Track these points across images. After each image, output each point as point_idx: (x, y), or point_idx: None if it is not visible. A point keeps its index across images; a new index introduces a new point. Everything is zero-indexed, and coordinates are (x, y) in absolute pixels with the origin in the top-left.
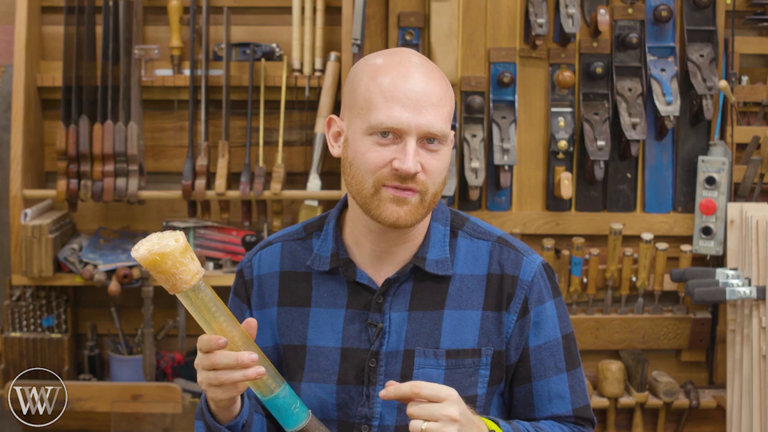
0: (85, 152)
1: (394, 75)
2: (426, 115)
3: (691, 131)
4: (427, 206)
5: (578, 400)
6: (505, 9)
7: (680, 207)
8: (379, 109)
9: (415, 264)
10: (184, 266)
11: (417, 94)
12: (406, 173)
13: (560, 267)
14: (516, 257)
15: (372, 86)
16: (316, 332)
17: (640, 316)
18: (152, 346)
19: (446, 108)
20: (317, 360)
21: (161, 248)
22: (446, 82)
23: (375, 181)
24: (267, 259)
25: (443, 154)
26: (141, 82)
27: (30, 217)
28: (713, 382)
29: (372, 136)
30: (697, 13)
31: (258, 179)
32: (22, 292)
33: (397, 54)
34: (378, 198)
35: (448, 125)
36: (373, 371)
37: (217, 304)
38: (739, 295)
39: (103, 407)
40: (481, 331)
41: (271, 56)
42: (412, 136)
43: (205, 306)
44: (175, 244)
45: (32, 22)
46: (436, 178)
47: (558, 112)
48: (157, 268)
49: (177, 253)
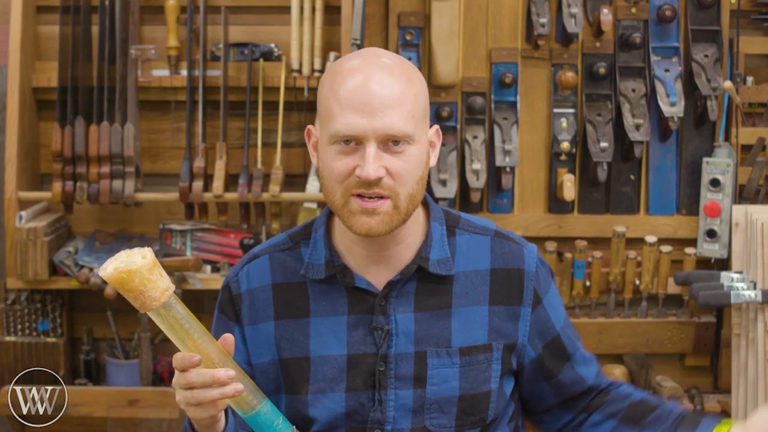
0: (80, 154)
1: (349, 80)
2: (383, 118)
3: (696, 132)
4: (404, 211)
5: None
6: (507, 8)
7: (684, 209)
8: (336, 117)
9: (419, 265)
10: (153, 283)
11: (371, 97)
12: (366, 179)
13: (563, 270)
14: (517, 250)
15: (330, 94)
16: (318, 342)
17: (643, 320)
18: (149, 350)
19: (406, 107)
20: (322, 370)
21: (128, 266)
22: (408, 78)
23: (343, 191)
24: (256, 272)
25: (410, 154)
26: (137, 82)
27: (25, 220)
28: (718, 386)
29: (334, 145)
30: (702, 12)
31: (256, 181)
32: (16, 296)
33: (358, 57)
34: (348, 209)
35: (412, 124)
36: (383, 374)
37: (190, 321)
38: (744, 298)
39: (100, 412)
40: (490, 326)
41: (270, 56)
42: (370, 141)
43: (178, 323)
44: (142, 261)
45: (27, 21)
46: (406, 179)
47: (560, 113)
48: (124, 287)
49: (144, 270)
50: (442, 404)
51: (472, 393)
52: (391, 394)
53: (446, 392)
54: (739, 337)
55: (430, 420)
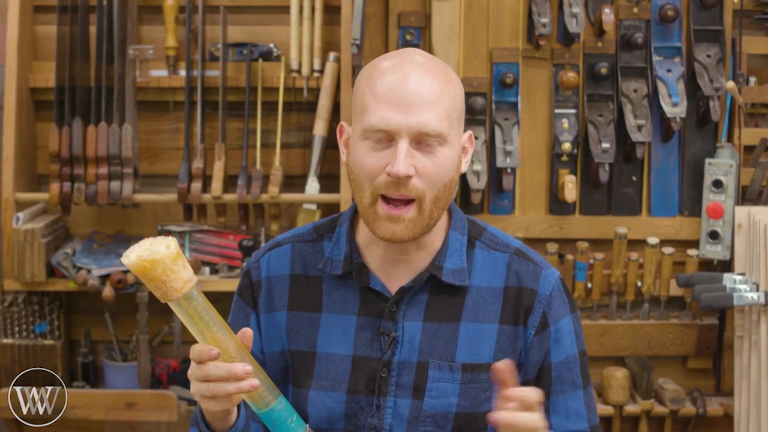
0: (78, 154)
1: (387, 75)
2: (417, 115)
3: (698, 133)
4: (428, 215)
5: (592, 417)
6: (508, 8)
7: (687, 211)
8: (371, 111)
9: (431, 272)
10: (175, 274)
11: (407, 93)
12: (396, 176)
13: (564, 272)
14: (534, 270)
15: (366, 89)
16: (326, 339)
17: (645, 322)
18: (147, 352)
19: (443, 106)
20: (327, 367)
21: (151, 255)
22: (447, 79)
23: (372, 190)
24: (276, 260)
25: (442, 156)
26: (136, 82)
27: (22, 221)
28: (720, 389)
29: (367, 141)
30: (704, 12)
31: (255, 182)
32: (14, 298)
33: (397, 55)
34: (374, 211)
35: (447, 124)
36: (385, 381)
37: (210, 313)
38: (746, 300)
39: (97, 415)
40: (498, 345)
41: (269, 56)
42: (403, 138)
43: (198, 315)
44: (166, 250)
45: (24, 21)
46: (435, 181)
47: (562, 114)
48: (147, 276)
49: (168, 260)
50: (437, 418)
51: (470, 411)
52: (390, 402)
53: (443, 407)
54: (741, 339)
55: None
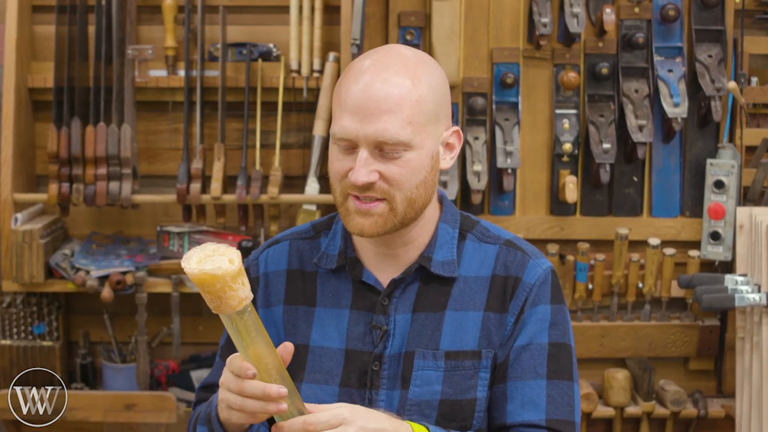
0: (77, 155)
1: (353, 83)
2: (375, 123)
3: (699, 133)
4: (401, 214)
5: (556, 412)
6: (508, 8)
7: (688, 211)
8: (336, 118)
9: (420, 264)
10: (233, 291)
11: (367, 102)
12: (354, 184)
13: (565, 273)
14: (522, 259)
15: (337, 94)
16: (320, 332)
17: (646, 324)
18: (146, 354)
19: (403, 113)
20: (320, 361)
21: (214, 269)
22: (413, 82)
23: (341, 189)
24: (274, 257)
25: (408, 159)
26: (134, 83)
27: (21, 222)
28: (722, 391)
29: (336, 145)
30: (706, 12)
31: (255, 183)
32: (12, 299)
33: (370, 57)
34: (345, 207)
35: (409, 129)
36: (376, 374)
37: (258, 329)
38: (748, 301)
39: (96, 417)
40: (482, 332)
41: (269, 56)
42: (362, 146)
43: (246, 330)
44: (228, 266)
45: (23, 21)
46: (402, 184)
47: (562, 114)
48: (204, 287)
49: (228, 277)
50: (422, 406)
51: (455, 399)
52: (382, 395)
53: (427, 395)
54: (743, 340)
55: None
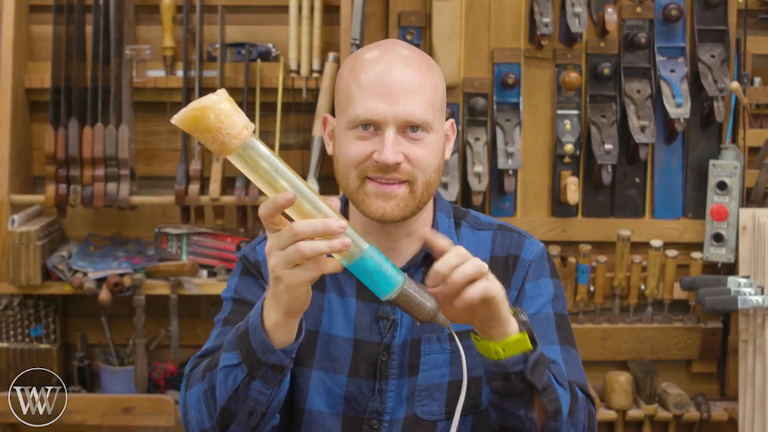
0: (74, 156)
1: (371, 66)
2: (403, 104)
3: (702, 134)
4: (419, 197)
5: (574, 374)
6: (509, 8)
7: (690, 213)
8: (357, 102)
9: (427, 252)
10: (229, 118)
11: (392, 83)
12: (384, 164)
13: (566, 275)
14: (518, 239)
15: (351, 80)
16: (329, 319)
17: (649, 326)
18: (144, 356)
19: (426, 95)
20: (329, 349)
21: (200, 103)
22: (428, 68)
23: (359, 173)
24: None
25: (429, 142)
26: (132, 83)
27: (18, 224)
28: (725, 394)
29: (353, 130)
30: (708, 12)
31: (253, 184)
32: (9, 301)
33: (379, 46)
34: (363, 192)
35: (431, 112)
36: (385, 365)
37: (276, 161)
38: (751, 303)
39: (94, 420)
40: None
41: (268, 57)
42: (390, 127)
43: (265, 161)
44: (215, 97)
45: (20, 21)
46: (425, 166)
47: (564, 115)
48: (200, 126)
49: (219, 104)
50: (432, 390)
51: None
52: (392, 385)
53: (436, 378)
54: (746, 343)
55: (420, 407)
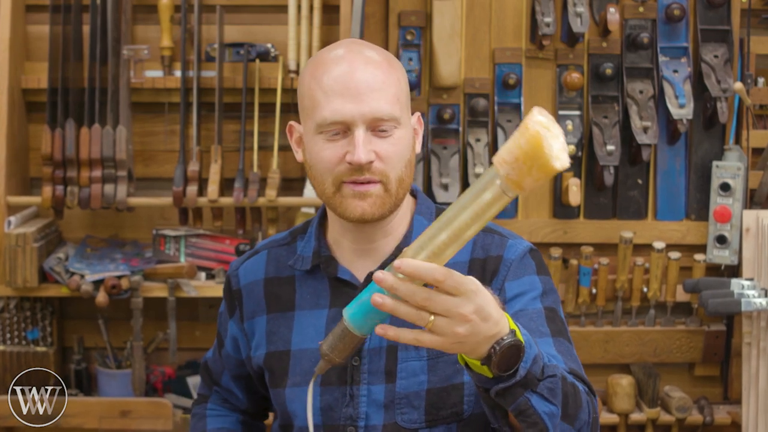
0: (71, 157)
1: (333, 68)
2: (369, 102)
3: (705, 135)
4: (394, 194)
5: (571, 363)
6: (511, 8)
7: (693, 214)
8: (323, 105)
9: (396, 256)
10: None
11: (356, 82)
12: (358, 164)
13: (568, 277)
14: (500, 241)
15: (314, 84)
16: (300, 335)
17: (651, 329)
18: (142, 359)
19: (391, 90)
20: (300, 363)
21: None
22: (390, 64)
23: (334, 179)
24: (252, 268)
25: (398, 137)
26: (130, 83)
27: (14, 225)
28: (728, 397)
29: (322, 134)
30: (711, 11)
31: (252, 185)
32: (5, 304)
33: (339, 46)
34: (340, 195)
35: (398, 107)
36: (357, 370)
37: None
38: (755, 306)
39: (91, 423)
40: None
41: (266, 57)
42: (359, 126)
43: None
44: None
45: (16, 21)
46: (396, 163)
47: (566, 116)
48: (537, 149)
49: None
50: (411, 398)
51: (441, 386)
52: (363, 390)
53: (414, 386)
54: (749, 346)
55: (401, 415)
